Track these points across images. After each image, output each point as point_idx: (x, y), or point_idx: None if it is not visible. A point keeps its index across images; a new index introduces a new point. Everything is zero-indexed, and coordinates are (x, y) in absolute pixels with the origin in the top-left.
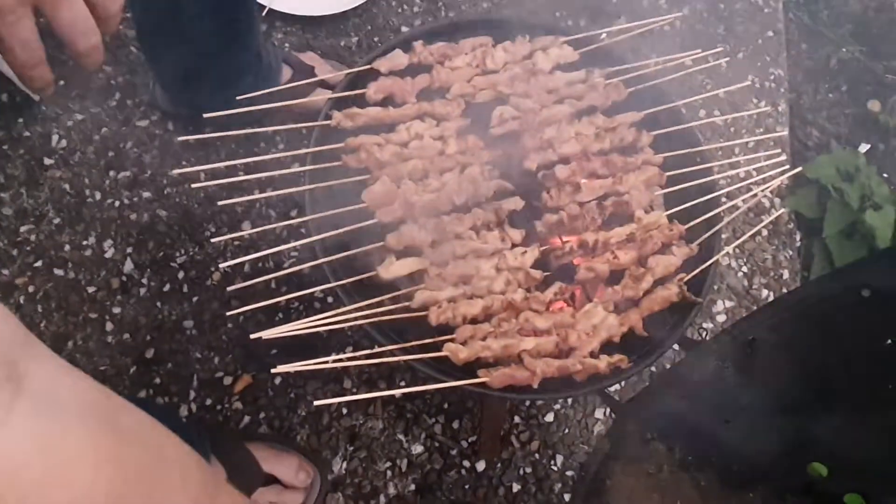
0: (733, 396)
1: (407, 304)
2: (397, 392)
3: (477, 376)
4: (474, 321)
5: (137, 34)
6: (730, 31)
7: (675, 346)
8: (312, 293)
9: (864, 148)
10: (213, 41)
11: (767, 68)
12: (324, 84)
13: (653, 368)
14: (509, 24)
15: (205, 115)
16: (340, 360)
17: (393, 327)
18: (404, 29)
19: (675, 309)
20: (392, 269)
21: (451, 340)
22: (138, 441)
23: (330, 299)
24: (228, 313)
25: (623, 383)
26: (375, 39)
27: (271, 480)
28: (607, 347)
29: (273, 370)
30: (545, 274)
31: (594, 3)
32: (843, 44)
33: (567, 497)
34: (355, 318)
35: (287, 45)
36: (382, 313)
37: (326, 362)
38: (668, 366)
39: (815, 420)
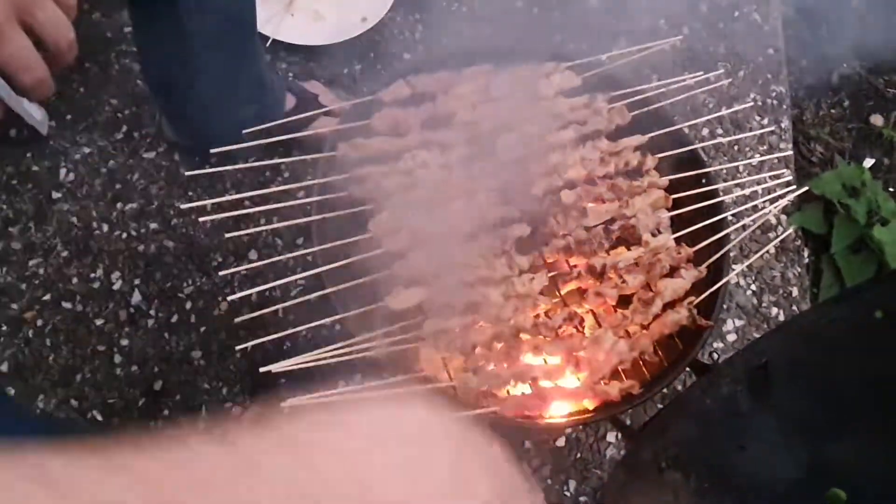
0: (747, 421)
1: (416, 333)
2: None
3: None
4: (484, 349)
5: (142, 67)
6: (730, 49)
7: (687, 370)
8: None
9: (868, 163)
10: (217, 73)
11: (769, 86)
12: (328, 113)
13: (665, 392)
14: (511, 51)
15: (212, 151)
16: (349, 392)
17: (402, 355)
18: (406, 56)
19: (686, 332)
20: (401, 298)
21: (462, 369)
22: None
23: (337, 326)
24: (237, 347)
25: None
26: (378, 67)
27: None
28: (618, 373)
29: (282, 404)
30: (554, 300)
31: (594, 26)
32: (843, 59)
33: None
34: (364, 350)
35: (291, 74)
36: (392, 343)
37: (338, 393)
38: (680, 388)
39: (833, 445)
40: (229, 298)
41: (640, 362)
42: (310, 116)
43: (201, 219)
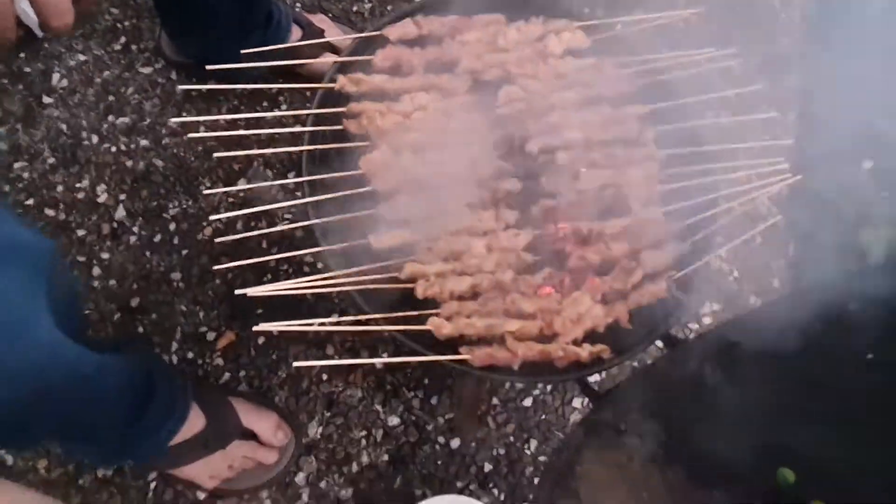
0: (710, 397)
1: (395, 274)
2: (378, 361)
3: (458, 353)
4: (461, 298)
5: None
6: (747, 33)
7: (659, 343)
8: (302, 257)
9: (867, 164)
10: None
11: (781, 74)
12: (332, 47)
13: (635, 364)
14: (525, 3)
15: (207, 67)
16: (324, 325)
17: (379, 297)
18: None
19: (663, 305)
20: (383, 238)
21: (436, 315)
22: None
23: (319, 265)
24: (215, 267)
25: (604, 375)
26: (389, 7)
27: (248, 436)
28: (591, 337)
29: (255, 328)
30: (536, 258)
31: None
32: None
33: (537, 481)
34: (342, 284)
35: (299, 5)
36: (369, 282)
37: (310, 325)
38: (649, 361)
39: (789, 427)
40: (213, 221)
41: (614, 329)
42: (313, 48)
43: (190, 135)
